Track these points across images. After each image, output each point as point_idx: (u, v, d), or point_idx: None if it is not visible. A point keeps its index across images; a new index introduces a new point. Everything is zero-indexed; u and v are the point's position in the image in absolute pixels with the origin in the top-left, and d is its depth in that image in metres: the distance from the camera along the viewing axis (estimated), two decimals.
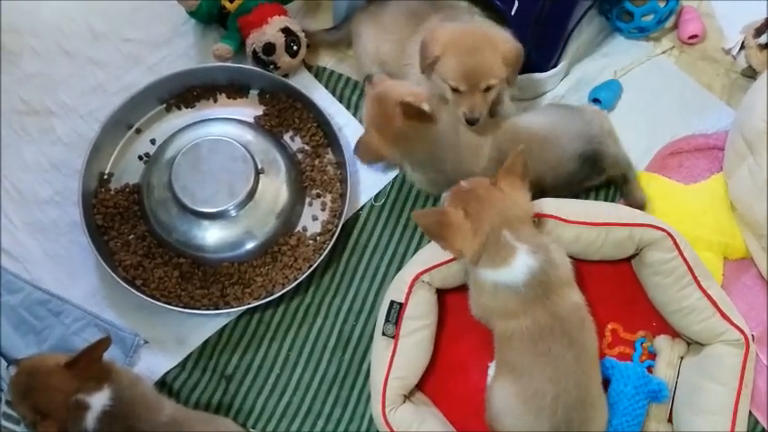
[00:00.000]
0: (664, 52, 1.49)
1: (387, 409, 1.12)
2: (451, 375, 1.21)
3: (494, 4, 1.28)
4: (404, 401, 1.14)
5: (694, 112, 1.43)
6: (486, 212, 1.04)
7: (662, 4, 1.44)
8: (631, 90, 1.44)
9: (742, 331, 1.15)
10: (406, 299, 1.16)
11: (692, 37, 1.48)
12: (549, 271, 1.04)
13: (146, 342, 1.25)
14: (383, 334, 1.15)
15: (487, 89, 1.17)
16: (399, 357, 1.14)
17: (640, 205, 1.29)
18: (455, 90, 1.17)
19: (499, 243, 1.04)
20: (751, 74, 1.45)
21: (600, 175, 1.28)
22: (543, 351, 1.04)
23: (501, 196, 1.06)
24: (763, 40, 1.40)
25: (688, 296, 1.17)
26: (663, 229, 1.18)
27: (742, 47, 1.47)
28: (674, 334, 1.23)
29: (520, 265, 1.04)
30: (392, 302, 1.16)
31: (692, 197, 1.33)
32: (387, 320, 1.15)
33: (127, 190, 1.32)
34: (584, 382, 1.05)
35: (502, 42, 1.17)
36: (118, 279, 1.22)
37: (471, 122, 1.17)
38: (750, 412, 1.20)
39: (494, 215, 1.04)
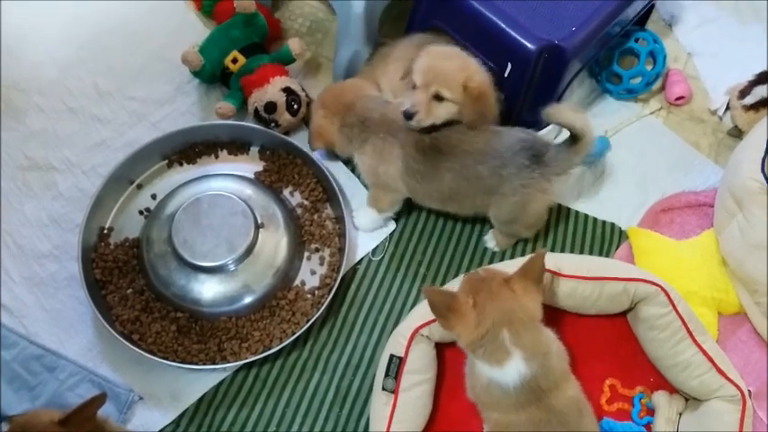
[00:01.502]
0: (652, 113, 1.55)
1: None
2: None
3: (487, 64, 1.33)
4: None
5: (683, 170, 1.47)
6: (492, 308, 1.04)
7: (649, 68, 1.50)
8: (622, 149, 1.48)
9: (738, 387, 1.16)
10: (406, 353, 1.16)
11: (678, 98, 1.54)
12: (541, 381, 1.04)
13: (140, 398, 1.23)
14: (383, 389, 1.14)
15: (438, 99, 1.21)
16: (399, 412, 1.13)
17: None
18: (414, 87, 1.22)
19: (497, 341, 1.04)
20: (737, 133, 1.50)
21: (546, 168, 1.22)
22: None
23: (510, 296, 1.06)
24: (747, 101, 1.46)
25: (683, 351, 1.18)
26: (657, 284, 1.20)
27: (727, 108, 1.53)
28: (672, 389, 1.23)
29: (512, 371, 1.04)
30: (392, 356, 1.16)
31: (684, 253, 1.35)
32: (386, 375, 1.15)
33: (126, 244, 1.33)
34: None
35: (472, 72, 1.22)
36: (115, 334, 1.22)
37: (407, 116, 1.22)
38: None
39: (498, 313, 1.04)
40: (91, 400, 1.02)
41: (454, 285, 1.18)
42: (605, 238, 1.40)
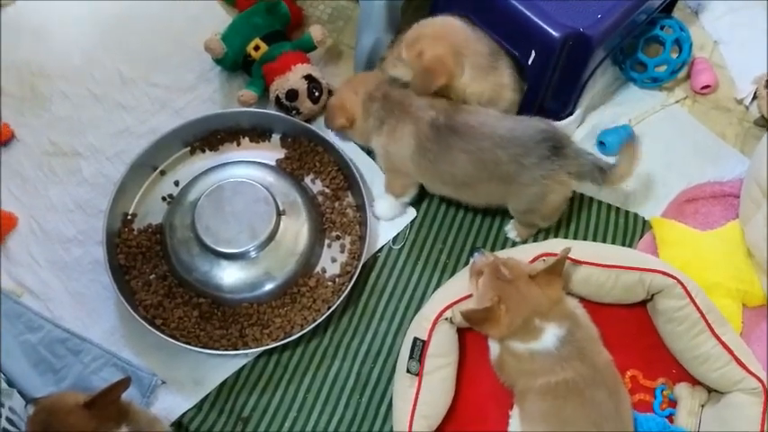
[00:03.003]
0: (677, 102, 1.53)
1: None
2: (471, 420, 1.20)
3: (511, 52, 1.32)
4: None
5: (709, 160, 1.45)
6: (523, 308, 1.10)
7: (675, 56, 1.48)
8: (646, 138, 1.46)
9: (759, 379, 1.14)
10: (429, 336, 1.16)
11: (704, 87, 1.52)
12: (577, 332, 1.11)
13: (163, 382, 1.25)
14: (407, 371, 1.14)
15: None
16: (424, 394, 1.13)
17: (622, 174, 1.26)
18: None
19: (528, 327, 1.11)
20: (763, 123, 1.48)
21: (566, 160, 1.22)
22: (588, 398, 1.07)
23: (537, 293, 1.11)
24: None
25: (702, 344, 1.17)
26: (673, 277, 1.19)
27: (754, 97, 1.50)
28: (695, 381, 1.22)
29: (548, 338, 1.10)
30: (415, 339, 1.16)
31: (708, 244, 1.34)
32: (411, 357, 1.15)
33: (149, 230, 1.34)
34: (623, 428, 1.08)
35: (438, 45, 1.24)
36: (138, 318, 1.23)
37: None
38: None
39: (528, 310, 1.10)
40: (116, 384, 1.03)
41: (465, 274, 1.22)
42: (628, 228, 1.38)
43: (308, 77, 1.39)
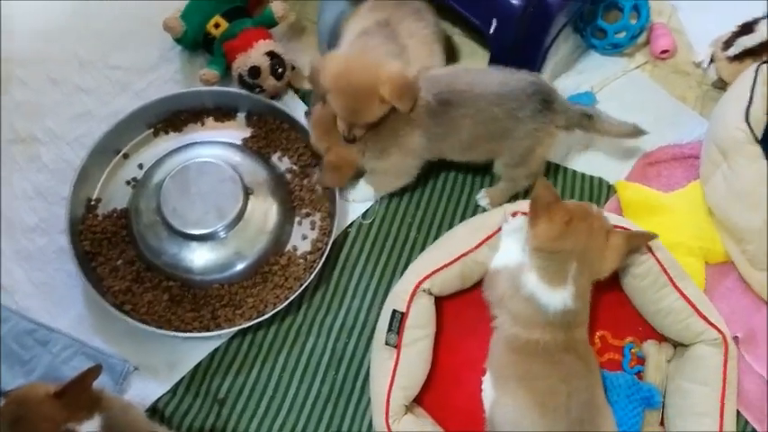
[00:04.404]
0: (638, 67, 1.55)
1: (390, 420, 1.11)
2: (448, 388, 1.21)
3: (472, 23, 1.32)
4: (406, 413, 1.13)
5: (669, 123, 1.48)
6: (578, 239, 1.09)
7: (633, 22, 1.50)
8: (608, 104, 1.48)
9: (720, 330, 1.17)
10: (407, 308, 1.17)
11: (663, 52, 1.54)
12: (577, 316, 1.11)
13: (136, 368, 1.24)
14: (386, 343, 1.15)
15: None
16: (402, 367, 1.14)
17: (622, 131, 1.30)
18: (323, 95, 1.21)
19: (562, 266, 1.09)
20: (721, 85, 1.51)
21: (555, 114, 1.24)
22: (557, 360, 1.08)
23: (600, 244, 1.11)
24: (731, 52, 1.46)
25: (665, 297, 1.20)
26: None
27: (712, 60, 1.53)
28: (661, 338, 1.25)
29: (559, 299, 1.09)
30: (394, 311, 1.16)
31: (671, 204, 1.37)
32: (389, 329, 1.15)
33: (114, 215, 1.32)
34: (592, 387, 1.10)
35: (386, 79, 1.15)
36: (107, 305, 1.21)
37: (347, 140, 1.23)
38: (739, 413, 1.22)
39: (581, 246, 1.09)
40: (86, 372, 1.01)
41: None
42: (594, 193, 1.41)
43: (271, 54, 1.37)
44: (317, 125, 1.30)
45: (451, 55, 1.48)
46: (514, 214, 1.23)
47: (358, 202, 1.38)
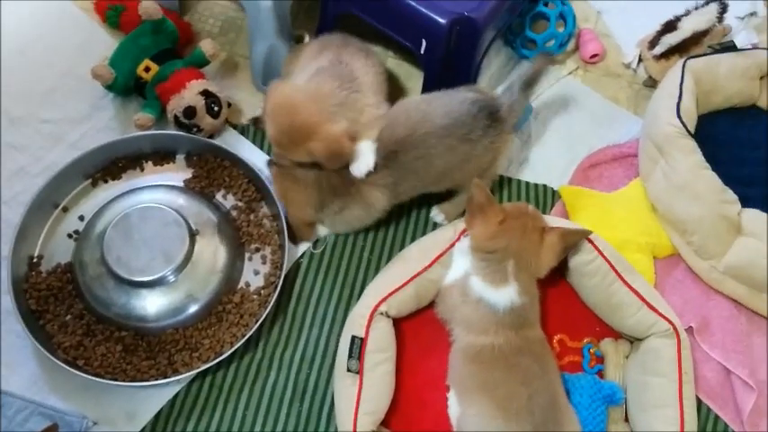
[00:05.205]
0: (570, 73, 1.58)
1: None
2: (414, 408, 1.21)
3: (403, 44, 1.34)
4: None
5: (606, 125, 1.52)
6: (513, 237, 1.14)
7: (561, 30, 1.53)
8: (545, 112, 1.51)
9: (669, 321, 1.20)
10: (366, 332, 1.16)
11: (593, 56, 1.58)
12: (524, 313, 1.14)
13: (95, 423, 1.20)
14: (348, 370, 1.14)
15: None
16: (366, 392, 1.13)
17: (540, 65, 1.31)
18: None
19: (501, 265, 1.14)
20: (652, 84, 1.55)
21: (504, 122, 1.24)
22: (514, 363, 1.10)
23: (535, 242, 1.16)
24: (657, 51, 1.50)
25: (615, 293, 1.22)
26: None
27: (640, 60, 1.57)
28: (617, 335, 1.27)
29: (505, 296, 1.13)
30: (353, 338, 1.16)
31: (615, 204, 1.39)
32: (350, 356, 1.15)
33: (59, 270, 1.29)
34: (552, 387, 1.11)
35: (322, 138, 1.14)
36: (58, 362, 1.18)
37: (277, 164, 1.25)
38: (702, 402, 1.24)
39: (516, 244, 1.14)
40: None
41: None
42: (539, 200, 1.43)
43: (205, 93, 1.37)
44: (277, 183, 1.31)
45: (388, 79, 1.49)
46: (464, 232, 1.24)
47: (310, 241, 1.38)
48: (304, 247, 1.36)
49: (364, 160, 1.19)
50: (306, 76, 1.23)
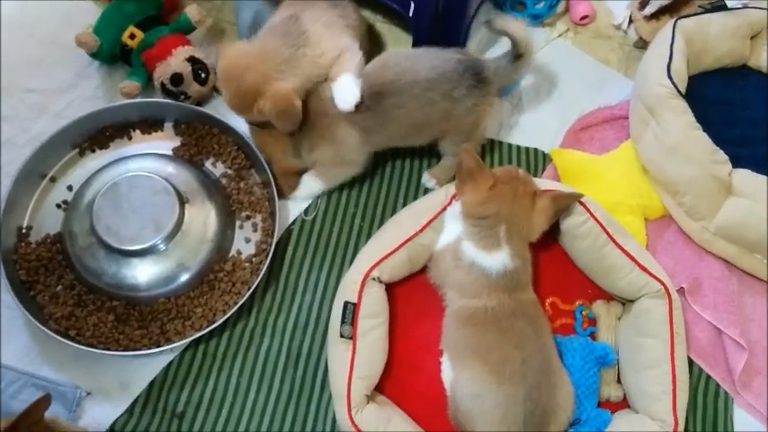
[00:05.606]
0: (560, 35, 1.57)
1: (353, 412, 1.10)
2: (408, 373, 1.21)
3: (391, 7, 1.32)
4: (368, 402, 1.13)
5: (596, 87, 1.51)
6: (504, 202, 1.13)
7: None
8: (535, 75, 1.50)
9: (661, 281, 1.20)
10: (359, 298, 1.16)
11: (583, 18, 1.57)
12: (517, 276, 1.13)
13: (88, 393, 1.20)
14: (341, 336, 1.14)
15: None
16: (360, 357, 1.13)
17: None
18: None
19: (492, 230, 1.13)
20: (642, 45, 1.54)
21: (490, 84, 1.24)
22: (507, 326, 1.10)
23: (526, 206, 1.15)
24: (647, 11, 1.49)
25: (608, 255, 1.22)
26: None
27: (630, 21, 1.56)
28: (609, 297, 1.27)
29: (498, 260, 1.12)
30: (346, 303, 1.16)
31: (606, 166, 1.39)
32: (343, 322, 1.15)
33: (48, 241, 1.28)
34: (545, 350, 1.11)
35: (269, 96, 1.15)
36: (50, 333, 1.17)
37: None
38: (693, 362, 1.25)
39: (507, 209, 1.13)
40: (34, 404, 0.99)
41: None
42: (530, 164, 1.42)
43: (192, 59, 1.35)
44: (254, 136, 1.31)
45: (376, 43, 1.48)
46: (455, 196, 1.23)
47: (301, 199, 1.36)
48: (295, 213, 1.36)
49: (351, 92, 1.19)
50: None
